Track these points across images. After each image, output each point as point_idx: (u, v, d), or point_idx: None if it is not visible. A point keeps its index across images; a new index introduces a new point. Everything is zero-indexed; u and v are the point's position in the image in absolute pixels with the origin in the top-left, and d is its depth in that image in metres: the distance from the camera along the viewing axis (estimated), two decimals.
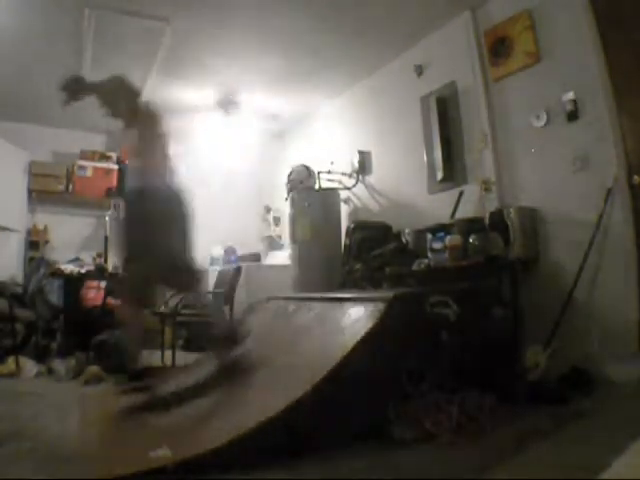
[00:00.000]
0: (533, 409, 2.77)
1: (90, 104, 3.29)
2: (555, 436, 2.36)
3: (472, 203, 4.34)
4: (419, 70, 5.06)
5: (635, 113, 3.38)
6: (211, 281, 5.88)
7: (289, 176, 5.97)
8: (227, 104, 6.31)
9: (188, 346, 5.77)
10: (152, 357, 4.71)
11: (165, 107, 3.67)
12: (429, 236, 4.04)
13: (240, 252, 7.15)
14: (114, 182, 6.89)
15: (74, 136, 6.92)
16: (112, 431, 2.58)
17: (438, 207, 4.65)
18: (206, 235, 7.20)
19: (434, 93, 4.84)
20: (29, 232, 6.56)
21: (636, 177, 3.34)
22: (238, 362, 3.00)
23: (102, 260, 6.09)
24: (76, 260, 6.13)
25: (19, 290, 5.52)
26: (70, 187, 6.73)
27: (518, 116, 4.12)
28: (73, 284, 5.33)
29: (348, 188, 6.03)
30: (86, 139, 7.00)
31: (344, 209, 5.94)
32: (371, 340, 2.51)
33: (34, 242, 6.53)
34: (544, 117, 3.88)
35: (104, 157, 6.99)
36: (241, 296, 5.21)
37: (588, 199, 3.52)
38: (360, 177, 5.93)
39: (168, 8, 4.29)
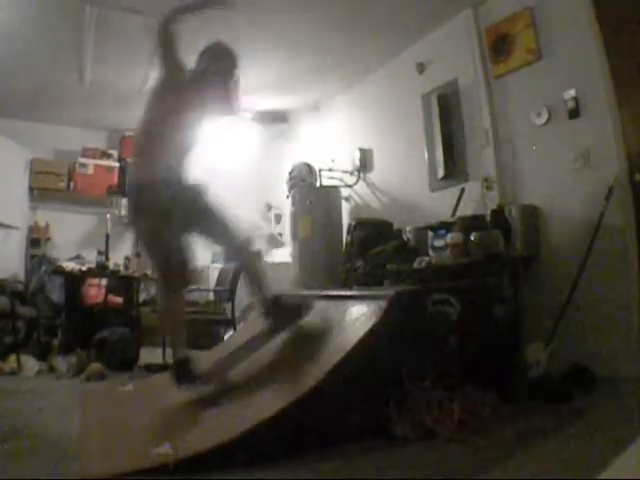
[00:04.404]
0: (534, 407, 2.78)
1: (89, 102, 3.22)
2: (556, 434, 2.36)
3: (473, 201, 4.35)
4: (421, 68, 5.05)
5: (636, 110, 3.37)
6: (213, 278, 5.88)
7: (290, 174, 5.97)
8: None
9: (189, 344, 5.77)
10: (153, 354, 4.74)
11: None
12: (430, 234, 4.03)
13: None
14: (115, 180, 6.91)
15: (75, 134, 6.93)
16: (114, 429, 2.58)
17: (439, 205, 4.65)
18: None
19: (435, 91, 4.83)
20: (30, 230, 6.58)
21: (637, 175, 3.34)
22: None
23: (103, 258, 6.08)
24: (77, 258, 6.14)
25: (20, 287, 5.53)
26: (71, 185, 6.75)
27: (519, 114, 4.11)
28: (74, 281, 5.34)
29: (349, 186, 6.03)
30: (87, 137, 7.02)
31: (345, 207, 5.94)
32: (373, 338, 2.51)
33: (35, 240, 6.55)
34: (545, 114, 3.87)
35: (105, 155, 7.01)
36: (242, 294, 5.21)
37: (589, 197, 3.51)
38: (361, 175, 5.93)
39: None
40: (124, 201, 7.10)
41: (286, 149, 7.57)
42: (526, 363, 3.14)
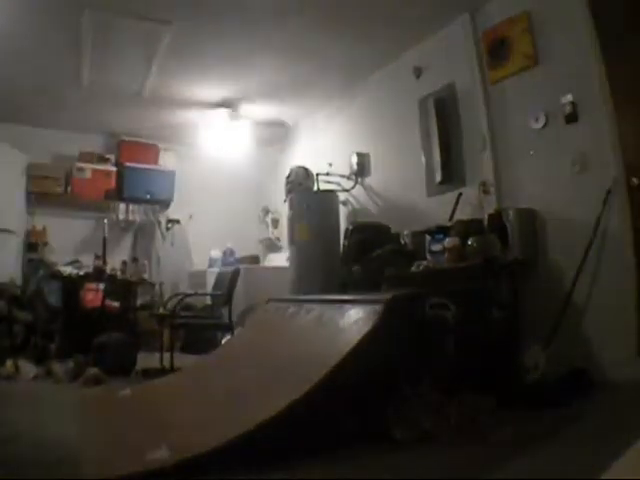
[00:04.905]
0: (532, 410, 2.77)
1: (86, 106, 3.15)
2: (554, 437, 2.36)
3: (471, 205, 4.35)
4: (418, 72, 5.06)
5: (633, 115, 3.38)
6: (209, 283, 5.88)
7: (288, 178, 5.97)
8: (227, 107, 6.33)
9: (186, 348, 5.78)
10: (151, 359, 4.73)
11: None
12: (428, 238, 4.04)
13: (239, 254, 7.15)
14: (113, 184, 6.90)
15: (73, 138, 6.92)
16: (111, 432, 2.57)
17: (437, 209, 4.65)
18: (205, 237, 7.29)
19: (433, 95, 4.84)
20: (28, 234, 6.56)
21: (634, 179, 3.35)
22: None
23: (101, 262, 6.08)
24: (75, 262, 6.13)
25: (18, 292, 5.51)
26: (69, 189, 6.73)
27: (517, 118, 4.12)
28: (72, 286, 5.33)
29: (347, 190, 6.03)
30: (85, 141, 7.01)
31: (343, 211, 5.94)
32: (370, 342, 2.51)
33: (33, 244, 6.53)
34: (543, 119, 3.88)
35: (103, 159, 7.00)
36: (239, 298, 5.21)
37: (587, 201, 3.52)
38: (359, 179, 5.93)
39: (168, 11, 4.29)
40: (122, 206, 7.13)
41: (284, 153, 7.59)
42: (524, 366, 3.14)
